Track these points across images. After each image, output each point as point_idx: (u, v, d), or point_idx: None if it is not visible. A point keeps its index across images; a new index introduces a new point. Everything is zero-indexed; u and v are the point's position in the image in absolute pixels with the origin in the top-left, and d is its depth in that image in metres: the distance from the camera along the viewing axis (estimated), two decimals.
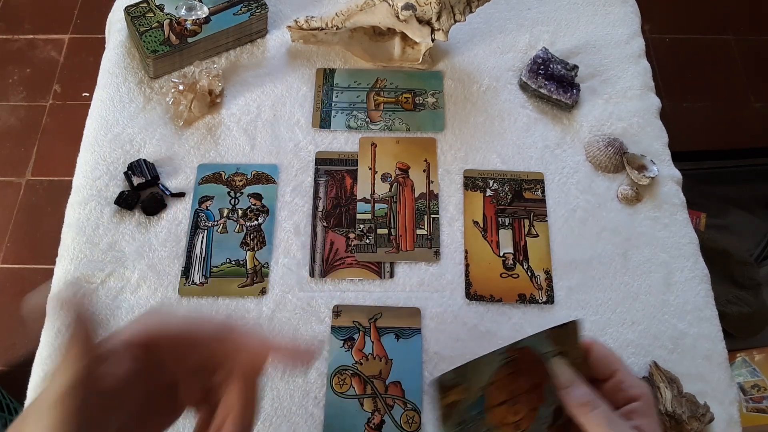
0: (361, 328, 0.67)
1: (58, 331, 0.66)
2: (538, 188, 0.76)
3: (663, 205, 0.76)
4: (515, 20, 0.90)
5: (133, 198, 0.73)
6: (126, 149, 0.77)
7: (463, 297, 0.69)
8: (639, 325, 0.69)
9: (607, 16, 0.91)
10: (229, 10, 0.83)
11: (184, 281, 0.69)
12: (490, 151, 0.79)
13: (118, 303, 0.68)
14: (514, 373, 0.43)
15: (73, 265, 0.70)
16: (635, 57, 0.87)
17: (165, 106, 0.80)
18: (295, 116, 0.81)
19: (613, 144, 0.77)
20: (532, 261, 0.72)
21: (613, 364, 0.45)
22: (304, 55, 0.86)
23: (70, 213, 0.73)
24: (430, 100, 0.82)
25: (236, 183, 0.76)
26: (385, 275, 0.71)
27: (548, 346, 0.43)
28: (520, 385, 0.43)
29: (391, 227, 0.73)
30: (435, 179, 0.77)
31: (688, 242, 0.74)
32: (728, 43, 1.80)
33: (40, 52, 1.74)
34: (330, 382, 0.64)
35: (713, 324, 0.69)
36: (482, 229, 0.74)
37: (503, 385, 0.43)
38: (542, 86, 0.80)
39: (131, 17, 0.82)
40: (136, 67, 0.83)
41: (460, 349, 0.66)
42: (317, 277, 0.70)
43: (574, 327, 0.44)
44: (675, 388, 0.63)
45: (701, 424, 0.61)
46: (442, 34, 0.78)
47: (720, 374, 0.67)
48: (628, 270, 0.72)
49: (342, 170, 0.77)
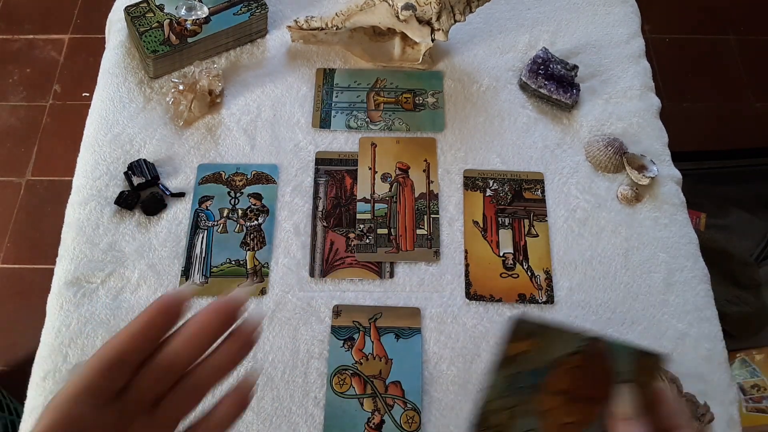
0: (361, 328, 0.67)
1: (58, 331, 0.66)
2: (538, 188, 0.76)
3: (663, 205, 0.76)
4: (515, 20, 0.90)
5: (133, 198, 0.73)
6: (126, 149, 0.77)
7: (463, 297, 0.69)
8: (639, 325, 0.69)
9: (607, 16, 0.91)
10: (229, 10, 0.83)
11: (184, 281, 0.69)
12: (490, 151, 0.79)
13: (118, 303, 0.68)
14: (584, 369, 0.40)
15: (73, 265, 0.70)
16: (635, 57, 0.87)
17: (165, 106, 0.80)
18: (295, 116, 0.81)
19: (613, 144, 0.77)
20: (532, 261, 0.72)
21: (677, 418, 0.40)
22: (304, 55, 0.86)
23: (70, 213, 0.73)
24: (430, 100, 0.82)
25: (236, 183, 0.76)
26: (385, 275, 0.71)
27: (627, 367, 0.40)
28: (583, 388, 0.40)
29: (391, 227, 0.73)
30: (435, 179, 0.77)
31: (688, 242, 0.74)
32: (728, 43, 1.80)
33: (40, 52, 1.74)
34: (330, 382, 0.64)
35: (713, 324, 0.69)
36: (482, 229, 0.74)
37: (568, 374, 0.40)
38: (542, 86, 0.80)
39: (131, 17, 0.82)
40: (136, 67, 0.83)
41: (460, 349, 0.67)
42: (317, 277, 0.70)
43: (658, 362, 0.40)
44: (675, 388, 0.63)
45: (701, 424, 0.61)
46: (442, 34, 0.78)
47: (720, 374, 0.67)
48: (628, 270, 0.72)
49: (342, 170, 0.77)
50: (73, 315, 0.67)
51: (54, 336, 0.66)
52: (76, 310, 0.67)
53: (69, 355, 0.65)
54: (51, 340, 0.66)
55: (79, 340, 0.66)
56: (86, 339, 0.66)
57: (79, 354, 0.65)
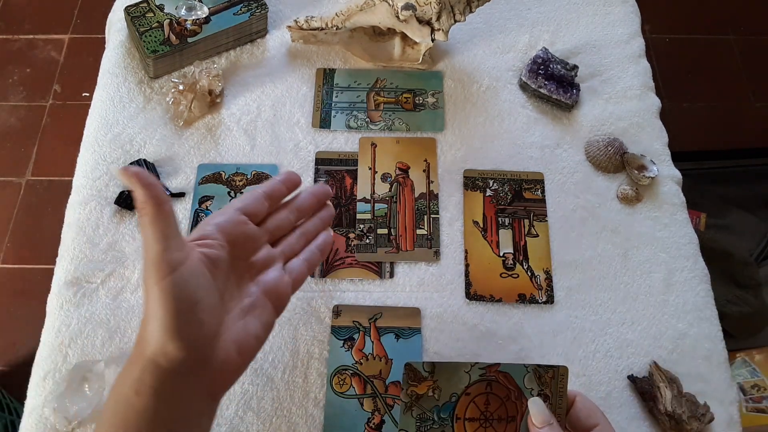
0: (361, 328, 0.67)
1: (58, 331, 0.66)
2: (538, 188, 0.76)
3: (663, 205, 0.76)
4: (515, 20, 0.90)
5: (133, 198, 0.73)
6: (126, 149, 0.77)
7: (463, 297, 0.69)
8: (639, 325, 0.69)
9: (607, 16, 0.91)
10: (229, 10, 0.83)
11: None
12: (490, 151, 0.79)
13: (118, 303, 0.68)
14: (491, 395, 0.44)
15: (73, 265, 0.70)
16: (635, 57, 0.87)
17: (165, 106, 0.80)
18: (295, 116, 0.81)
19: (613, 144, 0.77)
20: (532, 261, 0.72)
21: (594, 417, 0.45)
22: (304, 55, 0.86)
23: (70, 213, 0.73)
24: (430, 100, 0.82)
25: (236, 183, 0.76)
26: (385, 275, 0.71)
27: (532, 384, 0.44)
28: (495, 410, 0.44)
29: (391, 227, 0.73)
30: (435, 179, 0.77)
31: (688, 242, 0.74)
32: (728, 43, 1.80)
33: (40, 52, 1.74)
34: (330, 382, 0.64)
35: (713, 324, 0.69)
36: (482, 229, 0.74)
37: (477, 402, 0.44)
38: (542, 86, 0.80)
39: (131, 17, 0.82)
40: (136, 67, 0.83)
41: (460, 349, 0.67)
42: (317, 277, 0.70)
43: (563, 373, 0.45)
44: (675, 388, 0.63)
45: (701, 424, 0.61)
46: (442, 34, 0.78)
47: (720, 374, 0.67)
48: (628, 270, 0.72)
49: (342, 170, 0.77)
50: (73, 315, 0.67)
51: (54, 336, 0.66)
52: (76, 310, 0.67)
53: (69, 355, 0.65)
54: (51, 340, 0.66)
55: (79, 340, 0.66)
56: (86, 339, 0.66)
57: (79, 354, 0.65)
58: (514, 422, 0.44)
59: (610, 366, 0.66)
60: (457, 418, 0.44)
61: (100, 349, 0.65)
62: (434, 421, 0.43)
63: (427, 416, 0.43)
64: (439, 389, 0.43)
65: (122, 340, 0.66)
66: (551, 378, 0.44)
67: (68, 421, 0.60)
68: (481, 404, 0.44)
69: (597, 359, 0.67)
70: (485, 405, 0.44)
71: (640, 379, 0.65)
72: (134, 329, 0.67)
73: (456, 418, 0.44)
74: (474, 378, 0.44)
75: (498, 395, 0.44)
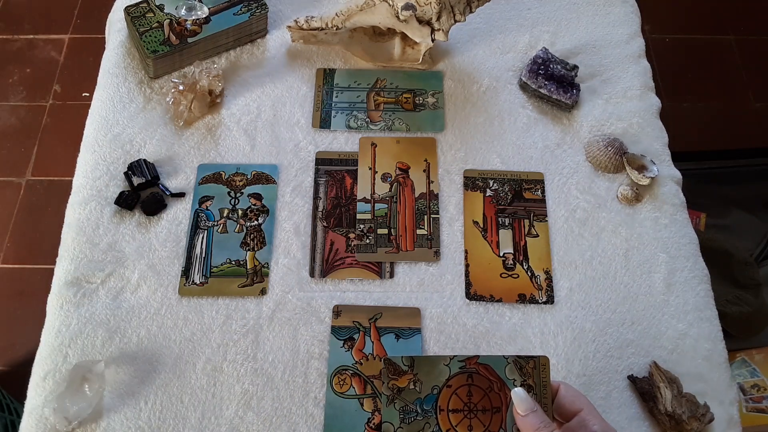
0: (361, 328, 0.67)
1: (58, 331, 0.66)
2: (538, 188, 0.76)
3: (663, 205, 0.76)
4: (515, 20, 0.90)
5: (133, 198, 0.73)
6: (126, 149, 0.77)
7: (463, 297, 0.69)
8: (639, 325, 0.69)
9: (607, 16, 0.91)
10: (229, 10, 0.83)
11: (184, 281, 0.69)
12: (490, 151, 0.79)
13: (118, 303, 0.68)
14: (473, 386, 0.45)
15: (73, 265, 0.70)
16: (635, 57, 0.87)
17: (165, 106, 0.80)
18: (295, 116, 0.81)
19: (613, 144, 0.77)
20: (532, 261, 0.72)
21: (579, 402, 0.46)
22: (304, 55, 0.86)
23: (70, 213, 0.73)
24: (430, 100, 0.82)
25: (236, 183, 0.76)
26: (385, 275, 0.71)
27: (514, 374, 0.45)
28: (479, 401, 0.45)
29: (391, 227, 0.73)
30: (435, 179, 0.77)
31: (688, 242, 0.74)
32: (728, 43, 1.80)
33: (40, 52, 1.74)
34: (330, 382, 0.64)
35: (713, 324, 0.69)
36: (482, 229, 0.74)
37: (460, 394, 0.45)
38: (542, 86, 0.80)
39: (131, 17, 0.82)
40: (136, 67, 0.83)
41: (460, 350, 0.67)
42: (317, 277, 0.70)
43: (544, 363, 0.46)
44: (675, 388, 0.63)
45: (701, 424, 0.61)
46: (442, 34, 0.78)
47: (720, 374, 0.67)
48: (628, 270, 0.72)
49: (342, 170, 0.77)
50: (73, 315, 0.67)
51: (54, 336, 0.66)
52: (76, 310, 0.67)
53: (69, 355, 0.65)
54: (51, 340, 0.66)
55: (79, 340, 0.66)
56: (86, 339, 0.66)
57: (79, 354, 0.65)
58: (499, 413, 0.45)
59: (610, 366, 0.66)
60: (441, 410, 0.45)
61: (100, 349, 0.65)
62: (418, 413, 0.44)
63: (410, 408, 0.44)
64: (420, 382, 0.45)
65: (122, 340, 0.66)
66: (533, 368, 0.46)
67: (68, 421, 0.60)
68: (464, 396, 0.45)
69: (597, 359, 0.67)
70: (468, 396, 0.45)
71: (640, 380, 0.65)
72: (134, 329, 0.67)
73: (439, 409, 0.45)
74: (454, 370, 0.45)
75: (480, 387, 0.45)
